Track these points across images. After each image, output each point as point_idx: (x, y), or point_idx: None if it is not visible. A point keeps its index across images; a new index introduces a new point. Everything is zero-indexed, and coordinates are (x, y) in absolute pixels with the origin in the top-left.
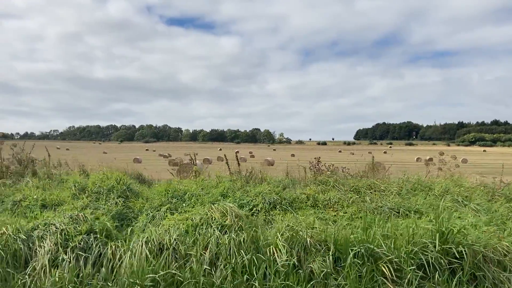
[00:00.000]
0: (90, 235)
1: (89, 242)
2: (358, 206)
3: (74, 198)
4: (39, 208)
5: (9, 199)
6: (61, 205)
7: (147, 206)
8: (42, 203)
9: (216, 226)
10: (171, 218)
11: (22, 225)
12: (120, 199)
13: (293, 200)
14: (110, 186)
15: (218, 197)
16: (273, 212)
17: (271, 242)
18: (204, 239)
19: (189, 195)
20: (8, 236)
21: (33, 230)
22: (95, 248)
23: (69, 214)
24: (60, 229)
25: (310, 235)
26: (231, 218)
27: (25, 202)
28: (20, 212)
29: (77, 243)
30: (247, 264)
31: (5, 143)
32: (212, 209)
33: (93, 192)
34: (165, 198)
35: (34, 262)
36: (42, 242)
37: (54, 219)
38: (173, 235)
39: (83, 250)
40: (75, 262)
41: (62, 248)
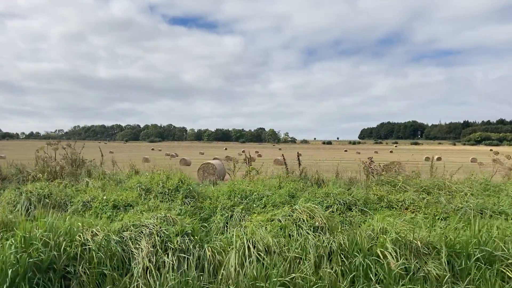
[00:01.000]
0: (185, 237)
1: (185, 244)
2: (436, 207)
3: (141, 198)
4: (110, 209)
5: (77, 200)
6: (132, 206)
7: (220, 206)
8: (113, 203)
9: (307, 228)
10: (253, 219)
11: (110, 227)
12: (189, 199)
13: (365, 201)
14: (174, 187)
15: (286, 198)
16: (350, 214)
17: (375, 244)
18: (299, 240)
19: (256, 195)
20: (102, 238)
21: (122, 232)
22: (192, 250)
23: (160, 215)
24: (156, 230)
25: (418, 237)
26: (320, 220)
27: (95, 203)
28: (92, 213)
29: (176, 245)
30: (359, 266)
31: (58, 143)
32: (297, 210)
33: (159, 193)
34: (237, 198)
35: (135, 265)
36: (137, 243)
37: (146, 220)
38: (267, 237)
39: (182, 252)
40: (178, 265)
41: (161, 250)
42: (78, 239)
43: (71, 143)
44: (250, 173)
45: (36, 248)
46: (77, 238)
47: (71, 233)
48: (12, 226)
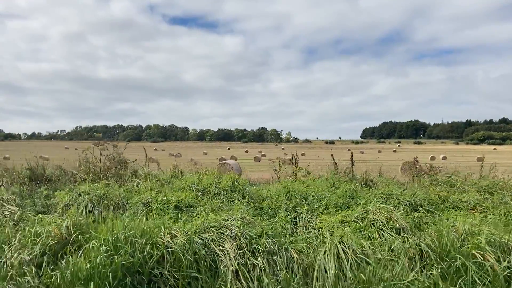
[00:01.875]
0: (267, 238)
1: (268, 245)
2: (506, 207)
3: (199, 199)
4: (172, 210)
5: (134, 201)
6: (193, 207)
7: (282, 207)
8: (175, 204)
9: (389, 229)
10: (324, 220)
11: (186, 228)
12: (247, 199)
13: (429, 202)
14: (229, 187)
15: (346, 199)
16: (416, 214)
17: (465, 245)
18: (384, 242)
19: (315, 196)
20: (185, 240)
21: (200, 233)
22: (279, 252)
23: (237, 216)
24: (239, 232)
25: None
26: (399, 221)
27: (155, 204)
28: (154, 214)
29: (263, 247)
30: (460, 268)
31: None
32: (371, 211)
33: (215, 193)
34: (297, 199)
35: (225, 267)
36: (220, 245)
37: (224, 222)
38: (352, 238)
39: (270, 254)
40: (268, 267)
41: (249, 252)
42: (159, 241)
43: (116, 144)
44: (296, 173)
45: (124, 250)
46: (157, 240)
47: (150, 235)
48: (84, 228)
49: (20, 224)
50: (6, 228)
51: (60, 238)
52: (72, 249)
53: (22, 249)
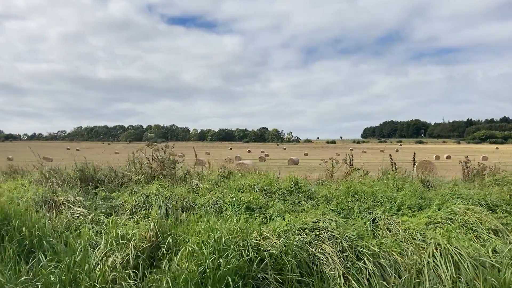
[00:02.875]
0: (363, 241)
1: (369, 248)
2: None
3: (266, 200)
4: (243, 210)
5: (202, 202)
6: (264, 208)
7: (356, 208)
8: (247, 205)
9: (485, 231)
10: (411, 222)
11: (275, 230)
12: (314, 200)
13: (505, 202)
14: (292, 188)
15: (416, 200)
16: (495, 215)
17: None
18: (490, 244)
19: (383, 196)
20: (283, 242)
21: (290, 235)
22: (382, 255)
23: (325, 218)
24: (338, 233)
25: None
26: (494, 222)
27: (224, 205)
28: (225, 215)
29: (367, 250)
30: None
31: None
32: (459, 212)
33: (280, 194)
34: (368, 200)
35: (331, 271)
36: (318, 248)
37: (318, 224)
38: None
39: (374, 256)
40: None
41: (353, 255)
42: (252, 243)
43: (169, 144)
44: (350, 173)
45: (227, 254)
46: (250, 242)
47: (244, 236)
48: (169, 230)
49: (94, 226)
50: (85, 230)
51: (150, 241)
52: (165, 252)
53: (111, 252)
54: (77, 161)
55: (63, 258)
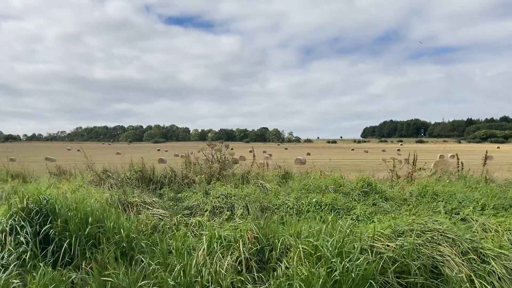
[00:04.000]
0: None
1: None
2: None
3: (343, 200)
4: (329, 212)
5: (278, 202)
6: (348, 209)
7: (442, 209)
8: (331, 206)
9: None
10: (509, 222)
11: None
12: (391, 201)
13: None
14: (365, 188)
15: (491, 198)
16: None
17: None
18: None
19: (461, 197)
20: (398, 245)
21: (397, 237)
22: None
23: (438, 219)
24: (455, 236)
25: None
26: None
27: (305, 206)
28: (311, 216)
29: (491, 252)
30: None
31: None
32: None
33: (344, 193)
34: (455, 201)
35: (455, 274)
36: (436, 250)
37: (426, 225)
38: None
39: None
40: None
41: (476, 256)
42: (365, 245)
43: (228, 145)
44: (413, 174)
45: (350, 257)
46: (362, 245)
47: (353, 239)
48: (268, 232)
49: (181, 227)
50: (180, 232)
51: (254, 243)
52: (274, 254)
53: (213, 254)
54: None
55: (169, 261)
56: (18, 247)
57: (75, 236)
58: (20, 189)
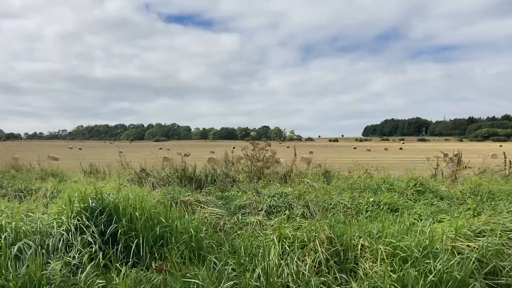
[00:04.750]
0: None
1: None
2: None
3: (397, 199)
4: (389, 212)
5: (335, 202)
6: (406, 208)
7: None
8: (388, 206)
9: None
10: None
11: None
12: (448, 200)
13: None
14: (419, 187)
15: None
16: None
17: None
18: None
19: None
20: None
21: (474, 238)
22: None
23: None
24: None
25: None
26: None
27: (364, 206)
28: (368, 216)
29: None
30: None
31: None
32: None
33: (397, 192)
34: (483, 198)
35: None
36: None
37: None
38: None
39: None
40: None
41: None
42: (448, 247)
43: (270, 143)
44: (457, 172)
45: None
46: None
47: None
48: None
49: (242, 227)
50: (247, 233)
51: (329, 244)
52: (350, 255)
53: (285, 255)
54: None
55: (240, 261)
56: (85, 247)
57: (142, 236)
58: (63, 188)
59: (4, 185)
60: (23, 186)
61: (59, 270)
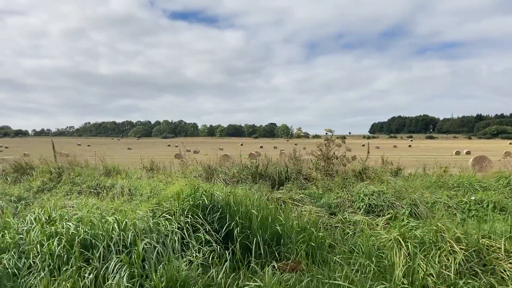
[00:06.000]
0: None
1: None
2: None
3: None
4: (496, 211)
5: (432, 200)
6: None
7: None
8: (495, 206)
9: None
10: None
11: None
12: None
13: None
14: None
15: None
16: None
17: None
18: None
19: None
20: None
21: None
22: None
23: None
24: None
25: None
26: None
27: (464, 205)
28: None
29: None
30: None
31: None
32: None
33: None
34: None
35: None
36: None
37: None
38: None
39: None
40: None
41: None
42: None
43: (345, 140)
44: None
45: None
46: None
47: None
48: None
49: (348, 226)
50: (364, 233)
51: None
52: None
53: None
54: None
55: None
56: (203, 245)
57: (258, 234)
58: (138, 185)
59: (77, 182)
60: (95, 183)
61: (188, 269)
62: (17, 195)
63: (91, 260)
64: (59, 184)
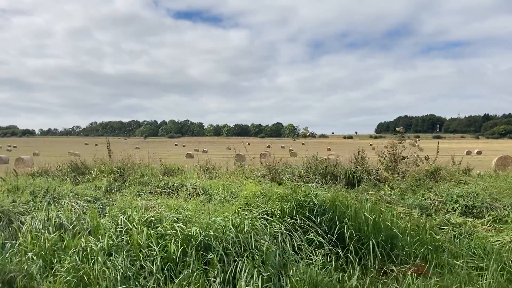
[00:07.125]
0: None
1: None
2: None
3: None
4: None
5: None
6: None
7: None
8: None
9: None
10: None
11: None
12: None
13: None
14: None
15: None
16: None
17: None
18: None
19: None
20: None
21: None
22: None
23: None
24: None
25: None
26: None
27: None
28: None
29: None
30: None
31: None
32: None
33: None
34: None
35: None
36: None
37: None
38: None
39: None
40: None
41: None
42: None
43: (419, 139)
44: None
45: None
46: None
47: None
48: None
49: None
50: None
51: None
52: None
53: None
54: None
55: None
56: (316, 248)
57: (372, 237)
58: (211, 184)
59: (145, 182)
60: (163, 183)
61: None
62: (91, 196)
63: (208, 264)
64: (124, 184)
